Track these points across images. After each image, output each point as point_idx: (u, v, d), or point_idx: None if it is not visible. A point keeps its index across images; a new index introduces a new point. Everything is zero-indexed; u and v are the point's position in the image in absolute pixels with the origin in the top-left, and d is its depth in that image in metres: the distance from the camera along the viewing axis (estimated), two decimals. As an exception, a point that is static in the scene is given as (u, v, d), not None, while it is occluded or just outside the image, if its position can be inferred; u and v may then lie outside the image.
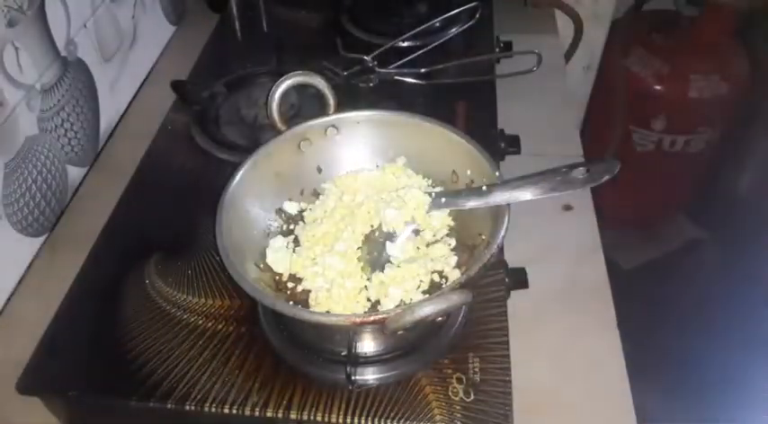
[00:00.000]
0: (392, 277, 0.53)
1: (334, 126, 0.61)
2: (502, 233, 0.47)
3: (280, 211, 0.60)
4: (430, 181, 0.61)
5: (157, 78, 0.95)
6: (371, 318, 0.44)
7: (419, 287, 0.52)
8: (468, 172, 0.57)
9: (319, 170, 0.62)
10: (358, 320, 0.44)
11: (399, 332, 0.45)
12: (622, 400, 0.55)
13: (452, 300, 0.42)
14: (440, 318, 0.43)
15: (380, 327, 0.44)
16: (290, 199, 0.61)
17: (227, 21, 1.04)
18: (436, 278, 0.54)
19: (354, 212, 0.58)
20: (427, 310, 0.42)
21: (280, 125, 0.60)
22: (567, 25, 1.21)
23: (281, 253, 0.56)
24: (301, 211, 0.61)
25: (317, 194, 0.62)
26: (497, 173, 0.53)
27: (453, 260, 0.55)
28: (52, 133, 0.73)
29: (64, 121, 0.75)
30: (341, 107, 0.61)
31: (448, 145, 0.58)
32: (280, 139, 0.59)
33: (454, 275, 0.53)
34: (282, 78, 0.59)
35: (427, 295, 0.50)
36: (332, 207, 0.60)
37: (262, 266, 0.56)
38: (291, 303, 0.53)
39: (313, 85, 0.60)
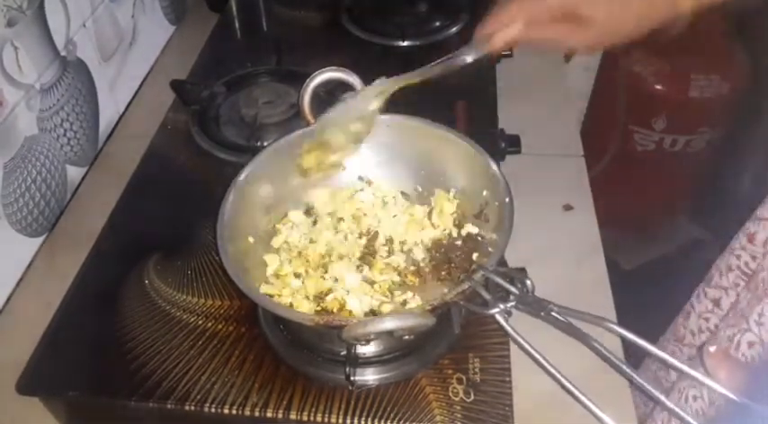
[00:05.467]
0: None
1: None
2: (477, 276, 0.46)
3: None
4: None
5: (157, 78, 0.94)
6: (333, 323, 0.45)
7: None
8: (485, 193, 0.56)
9: (343, 166, 0.62)
10: (321, 321, 0.45)
11: (405, 337, 0.45)
12: (623, 401, 0.55)
13: (409, 321, 0.42)
14: (406, 336, 0.44)
15: (340, 332, 0.44)
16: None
17: (227, 20, 1.04)
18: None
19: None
20: (386, 325, 0.42)
21: (309, 116, 0.60)
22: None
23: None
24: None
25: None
26: (507, 199, 0.52)
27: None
28: (51, 133, 0.73)
29: (63, 121, 0.75)
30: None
31: (471, 163, 0.57)
32: (306, 130, 0.59)
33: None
34: (319, 71, 0.59)
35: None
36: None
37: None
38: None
39: (347, 81, 0.59)
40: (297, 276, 0.55)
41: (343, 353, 0.53)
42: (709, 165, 1.51)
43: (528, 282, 0.43)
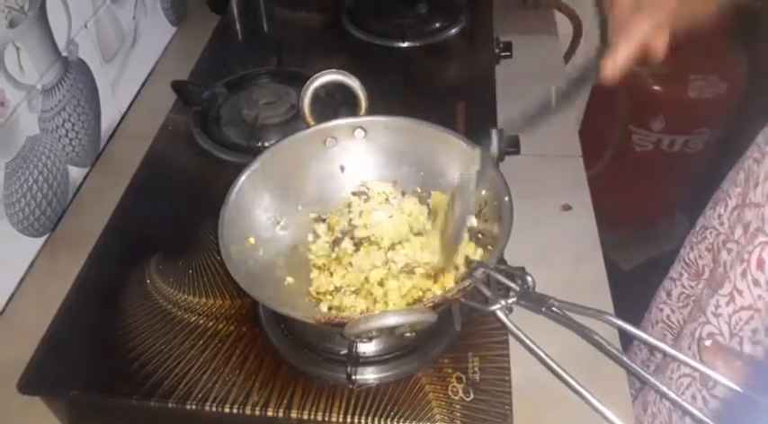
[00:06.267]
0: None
1: (362, 127, 0.61)
2: (478, 272, 0.46)
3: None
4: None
5: (158, 78, 0.95)
6: (335, 320, 0.45)
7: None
8: (484, 193, 0.56)
9: (342, 169, 0.63)
10: (323, 319, 0.46)
11: (405, 335, 0.45)
12: (622, 400, 0.56)
13: (411, 317, 0.42)
14: (408, 334, 0.44)
15: (341, 330, 0.44)
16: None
17: (228, 21, 1.04)
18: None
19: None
20: (388, 321, 0.42)
21: (309, 119, 0.60)
22: (567, 25, 1.22)
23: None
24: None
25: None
26: (506, 199, 0.52)
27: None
28: (53, 133, 0.73)
29: (65, 121, 0.75)
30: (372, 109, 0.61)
31: (469, 163, 0.57)
32: (306, 133, 0.60)
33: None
34: (318, 74, 0.59)
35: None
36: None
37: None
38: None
39: (347, 84, 0.60)
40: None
41: (344, 352, 0.53)
42: (708, 165, 1.51)
43: (529, 278, 0.43)
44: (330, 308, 0.55)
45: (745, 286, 0.56)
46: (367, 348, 0.54)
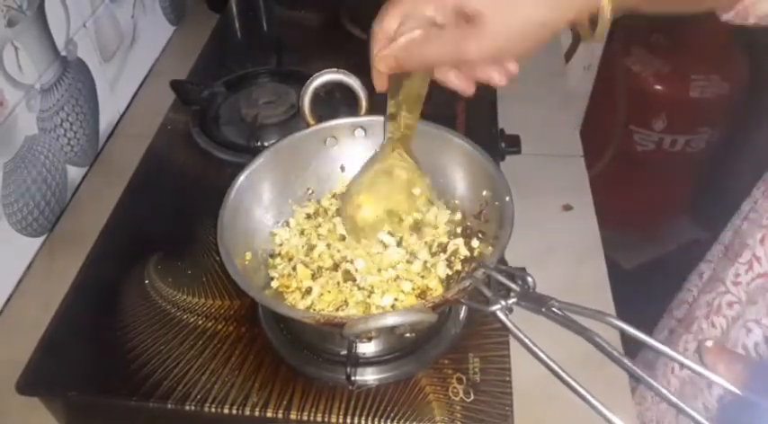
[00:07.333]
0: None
1: (362, 127, 0.61)
2: (479, 273, 0.46)
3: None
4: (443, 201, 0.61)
5: (157, 78, 0.95)
6: (335, 320, 0.45)
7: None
8: (485, 193, 0.56)
9: (342, 168, 0.62)
10: (322, 320, 0.45)
11: (404, 336, 0.45)
12: (623, 401, 0.55)
13: (411, 317, 0.42)
14: (407, 334, 0.44)
15: (340, 330, 0.44)
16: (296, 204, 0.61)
17: (227, 20, 1.04)
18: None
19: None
20: (388, 321, 0.42)
21: (309, 118, 0.60)
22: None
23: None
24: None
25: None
26: (507, 199, 0.52)
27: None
28: (52, 133, 0.73)
29: (63, 121, 0.75)
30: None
31: (469, 163, 0.58)
32: (306, 132, 0.60)
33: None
34: (318, 73, 0.59)
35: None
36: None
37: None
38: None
39: (347, 84, 0.59)
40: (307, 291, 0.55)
41: (344, 353, 0.53)
42: (709, 165, 1.51)
43: (529, 279, 0.43)
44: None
45: (762, 252, 0.55)
46: (367, 348, 0.54)
